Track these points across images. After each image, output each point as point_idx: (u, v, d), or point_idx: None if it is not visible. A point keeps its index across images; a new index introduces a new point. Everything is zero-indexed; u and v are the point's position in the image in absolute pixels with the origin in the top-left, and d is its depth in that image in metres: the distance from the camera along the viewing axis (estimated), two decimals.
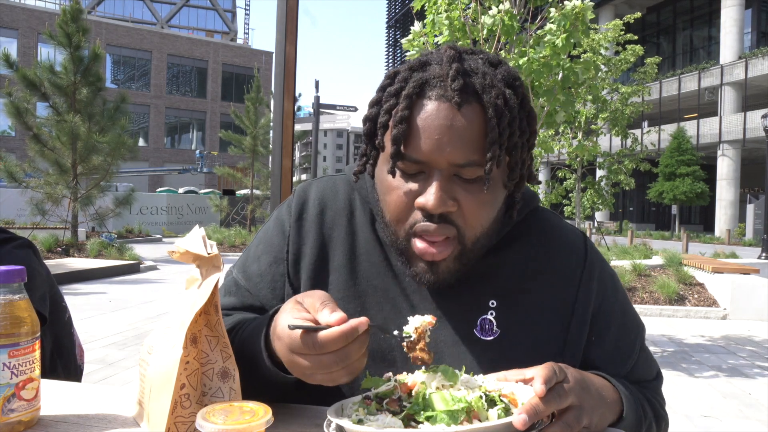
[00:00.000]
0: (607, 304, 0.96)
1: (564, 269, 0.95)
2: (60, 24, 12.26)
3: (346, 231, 0.97)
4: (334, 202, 1.00)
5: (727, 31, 30.50)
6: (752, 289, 7.76)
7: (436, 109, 0.80)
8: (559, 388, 0.72)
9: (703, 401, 4.37)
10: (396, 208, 0.85)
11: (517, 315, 0.91)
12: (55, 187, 12.47)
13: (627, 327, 0.98)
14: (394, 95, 0.83)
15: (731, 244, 23.81)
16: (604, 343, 0.94)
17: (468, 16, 4.91)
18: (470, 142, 0.80)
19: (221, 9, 65.56)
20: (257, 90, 19.25)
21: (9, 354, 0.73)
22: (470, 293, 0.92)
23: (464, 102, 0.79)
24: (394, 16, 63.86)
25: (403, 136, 0.80)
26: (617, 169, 14.12)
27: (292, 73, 3.88)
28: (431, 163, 0.81)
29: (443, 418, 0.66)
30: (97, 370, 4.73)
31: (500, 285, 0.92)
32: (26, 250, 1.28)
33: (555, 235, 0.99)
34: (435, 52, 0.87)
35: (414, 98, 0.81)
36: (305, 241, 0.97)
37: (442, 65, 0.82)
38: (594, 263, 0.97)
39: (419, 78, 0.82)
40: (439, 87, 0.81)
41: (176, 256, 0.79)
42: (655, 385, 1.01)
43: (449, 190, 0.81)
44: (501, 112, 0.80)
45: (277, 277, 0.97)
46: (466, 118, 0.79)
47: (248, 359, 0.81)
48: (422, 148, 0.80)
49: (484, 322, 0.90)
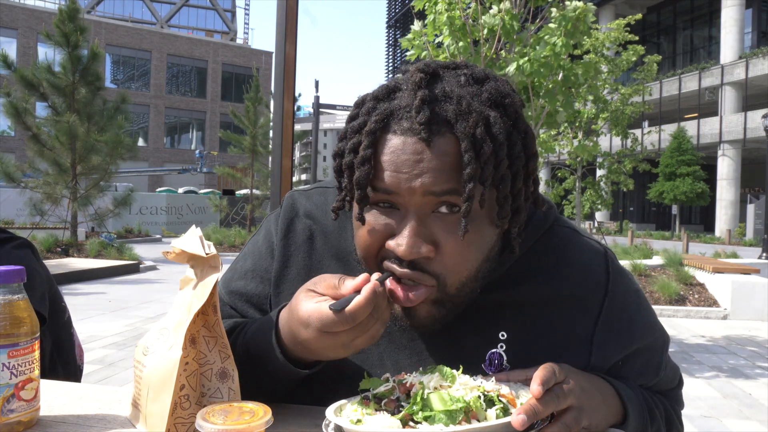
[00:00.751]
0: (634, 330, 0.89)
1: (582, 298, 0.86)
2: (57, 23, 12.26)
3: (336, 257, 0.92)
4: (323, 223, 0.94)
5: (727, 30, 30.51)
6: (753, 289, 7.76)
7: (402, 144, 0.71)
8: (558, 389, 0.71)
9: (704, 401, 4.37)
10: (365, 247, 0.78)
11: (529, 349, 0.84)
12: (55, 187, 12.47)
13: (655, 344, 0.92)
14: (357, 131, 0.75)
15: (732, 244, 23.80)
16: (632, 365, 0.89)
17: (468, 16, 4.91)
18: (445, 174, 0.71)
19: (221, 9, 65.58)
20: (257, 90, 19.25)
21: (8, 354, 0.73)
22: (478, 325, 0.85)
23: (434, 134, 0.70)
24: (394, 16, 63.85)
25: (367, 178, 0.72)
26: (617, 169, 14.13)
27: (292, 73, 3.88)
28: (403, 199, 0.72)
29: (441, 418, 0.66)
30: (97, 370, 4.73)
31: (511, 317, 0.85)
32: (25, 250, 1.28)
33: (572, 257, 0.89)
34: (407, 74, 0.77)
35: (378, 134, 0.73)
36: (291, 263, 0.93)
37: (408, 92, 0.73)
38: (617, 288, 0.88)
39: (384, 110, 0.73)
40: (405, 119, 0.72)
41: (171, 257, 0.78)
42: (676, 392, 1.00)
43: (425, 233, 0.73)
44: (480, 142, 0.70)
45: (262, 298, 0.95)
46: (437, 152, 0.70)
47: (256, 358, 0.80)
48: (390, 186, 0.72)
49: (493, 357, 0.84)
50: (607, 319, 0.86)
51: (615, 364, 0.88)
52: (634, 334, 0.89)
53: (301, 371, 0.79)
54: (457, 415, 0.66)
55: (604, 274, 0.88)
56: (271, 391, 0.83)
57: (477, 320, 0.85)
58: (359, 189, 0.73)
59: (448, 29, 4.84)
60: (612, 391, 0.84)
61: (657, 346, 0.93)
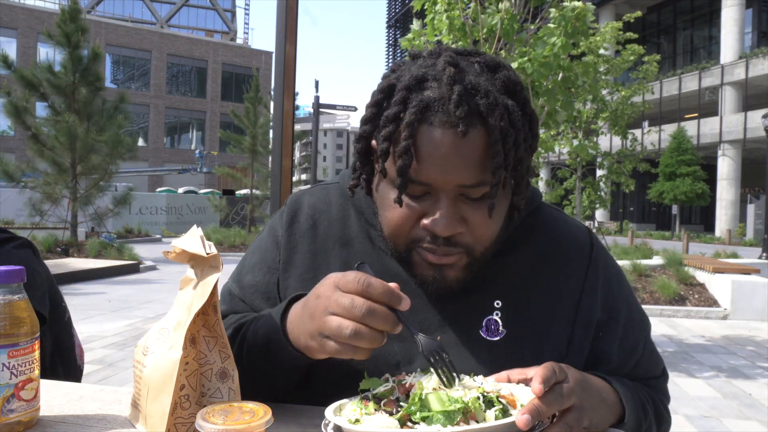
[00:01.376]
0: (613, 298, 0.95)
1: (568, 265, 0.94)
2: (59, 23, 12.27)
3: (341, 242, 0.96)
4: (327, 213, 0.99)
5: (727, 30, 30.50)
6: (753, 289, 7.76)
7: (441, 136, 0.77)
8: (560, 389, 0.71)
9: (704, 401, 4.37)
10: (399, 226, 0.84)
11: (522, 314, 0.90)
12: (54, 187, 12.47)
13: (633, 321, 0.97)
14: (393, 120, 0.80)
15: (732, 244, 23.79)
16: (610, 337, 0.94)
17: (468, 16, 4.91)
18: (476, 165, 0.78)
19: (221, 9, 65.57)
20: (257, 90, 19.25)
21: (8, 354, 0.73)
22: (474, 295, 0.91)
23: (469, 126, 0.76)
24: (394, 16, 63.87)
25: (409, 166, 0.78)
26: (617, 169, 14.13)
27: (292, 73, 3.88)
28: (437, 187, 0.80)
29: (439, 419, 0.66)
30: (97, 370, 4.73)
31: (505, 285, 0.92)
32: (26, 250, 1.28)
33: (558, 231, 0.98)
34: (429, 63, 0.83)
35: (416, 125, 0.78)
36: (297, 251, 0.97)
37: (441, 85, 0.78)
38: (599, 257, 0.96)
39: (419, 101, 0.78)
40: (442, 112, 0.77)
41: (172, 257, 0.78)
42: (661, 383, 1.01)
43: (456, 212, 0.81)
44: (506, 133, 0.78)
45: (270, 286, 0.97)
46: (471, 143, 0.77)
47: (261, 340, 0.82)
48: (429, 174, 0.79)
49: (489, 323, 0.90)
50: (591, 284, 0.94)
51: (596, 334, 0.93)
52: (614, 301, 0.95)
53: (298, 354, 0.78)
54: (455, 415, 0.66)
55: (589, 245, 0.97)
56: (277, 383, 0.84)
57: (474, 290, 0.91)
58: (401, 176, 0.78)
59: (447, 29, 4.85)
60: (609, 388, 0.85)
61: (635, 322, 0.97)
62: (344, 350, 0.70)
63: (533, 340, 0.89)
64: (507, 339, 0.89)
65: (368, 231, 0.96)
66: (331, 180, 1.05)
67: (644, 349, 0.97)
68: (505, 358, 0.85)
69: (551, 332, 0.90)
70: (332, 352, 0.72)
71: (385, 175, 0.84)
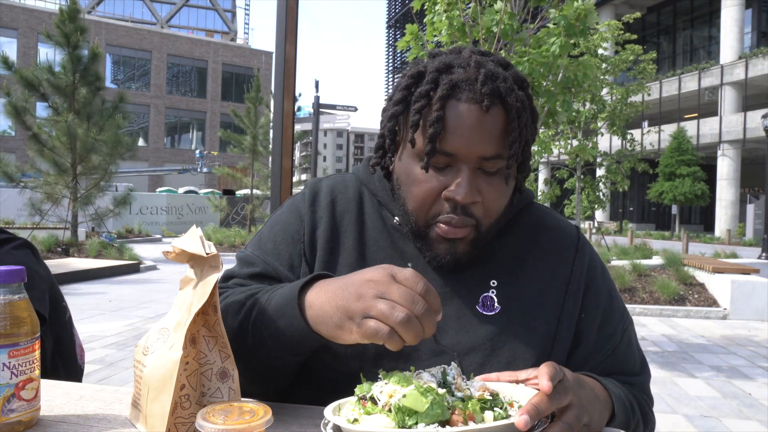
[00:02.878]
0: (595, 285, 1.02)
1: (558, 251, 1.03)
2: (57, 24, 12.26)
3: (356, 219, 1.04)
4: (344, 193, 1.07)
5: (727, 30, 30.49)
6: (752, 289, 7.77)
7: (467, 110, 0.87)
8: (560, 386, 0.71)
9: (704, 401, 4.37)
10: (423, 199, 0.92)
11: (516, 292, 0.98)
12: (55, 187, 12.47)
13: (612, 309, 1.03)
14: (424, 96, 0.89)
15: (731, 244, 23.79)
16: (589, 320, 0.99)
17: (468, 16, 4.91)
18: (495, 139, 0.88)
19: (221, 9, 65.57)
20: (257, 90, 19.25)
21: (9, 354, 0.73)
22: (473, 273, 0.98)
23: (492, 104, 0.87)
24: (394, 16, 63.87)
25: (438, 134, 0.87)
26: (616, 169, 14.14)
27: (292, 73, 3.88)
28: (461, 158, 0.88)
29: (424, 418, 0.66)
30: (97, 370, 4.73)
31: (500, 265, 1.00)
32: (25, 250, 1.28)
33: (550, 222, 1.07)
34: (453, 55, 0.94)
35: (446, 99, 0.88)
36: (319, 224, 1.03)
37: (467, 69, 0.90)
38: (585, 248, 1.05)
39: (450, 80, 0.88)
40: (469, 90, 0.88)
41: (171, 257, 0.78)
42: (642, 381, 1.03)
43: (475, 183, 0.89)
44: (520, 113, 0.89)
45: (294, 255, 1.01)
46: (492, 118, 0.88)
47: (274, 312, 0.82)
48: (454, 144, 0.87)
49: (485, 299, 0.97)
50: (578, 270, 1.02)
51: (579, 316, 0.99)
52: (597, 288, 1.02)
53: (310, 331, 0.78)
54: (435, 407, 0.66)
55: (576, 237, 1.06)
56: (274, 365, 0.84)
57: (472, 269, 0.98)
58: (431, 142, 0.87)
59: (447, 29, 4.85)
60: (600, 385, 0.86)
61: (616, 311, 1.03)
62: (383, 334, 0.70)
63: (525, 317, 0.96)
64: (501, 314, 0.96)
65: (381, 212, 1.04)
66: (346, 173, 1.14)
67: (622, 339, 1.01)
68: (500, 332, 0.93)
69: (542, 310, 0.97)
70: (368, 334, 0.71)
71: (414, 145, 0.91)
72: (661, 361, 5.55)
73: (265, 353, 0.84)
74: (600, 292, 1.02)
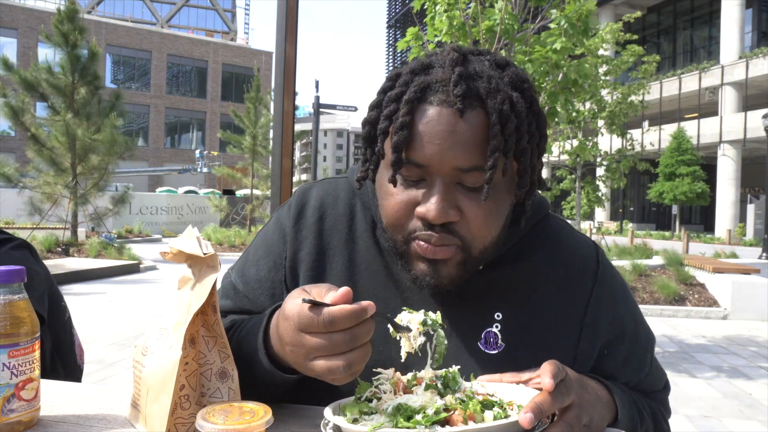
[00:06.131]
0: (619, 318, 0.93)
1: (574, 282, 0.91)
2: (56, 24, 12.25)
3: (346, 239, 0.94)
4: (334, 207, 0.97)
5: (727, 30, 30.49)
6: (753, 289, 7.76)
7: (437, 115, 0.76)
8: (562, 386, 0.71)
9: (704, 401, 4.37)
10: (394, 214, 0.82)
11: (523, 329, 0.87)
12: (54, 187, 12.47)
13: (639, 339, 0.95)
14: (394, 100, 0.80)
15: (732, 244, 23.79)
16: (616, 356, 0.92)
17: (468, 16, 4.91)
18: (474, 148, 0.76)
19: (221, 9, 65.57)
20: (257, 90, 19.25)
21: (9, 354, 0.73)
22: (475, 305, 0.88)
23: (467, 107, 0.76)
24: (394, 16, 63.86)
25: (404, 142, 0.77)
26: (615, 169, 14.16)
27: (292, 73, 3.88)
28: (432, 169, 0.78)
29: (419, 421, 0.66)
30: (97, 370, 4.73)
31: (507, 297, 0.89)
32: (23, 250, 1.28)
33: (565, 246, 0.95)
34: (439, 54, 0.84)
35: (415, 103, 0.78)
36: (303, 246, 0.94)
37: (444, 68, 0.79)
38: (605, 276, 0.94)
39: (421, 82, 0.79)
40: (441, 92, 0.77)
41: (168, 257, 0.78)
42: (662, 396, 1.01)
43: (451, 199, 0.78)
44: (506, 118, 0.76)
45: (276, 283, 0.94)
46: (469, 124, 0.76)
47: (245, 358, 0.79)
48: (424, 153, 0.77)
49: (488, 335, 0.87)
50: (597, 302, 0.91)
51: (600, 353, 0.91)
52: (620, 319, 0.93)
53: (284, 376, 0.76)
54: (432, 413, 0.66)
55: (595, 262, 0.94)
56: (268, 391, 0.82)
57: (475, 300, 0.88)
58: (396, 152, 0.77)
59: (447, 29, 4.84)
60: (603, 389, 0.84)
61: (641, 341, 0.96)
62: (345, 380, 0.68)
63: (533, 357, 0.84)
64: (506, 353, 0.86)
65: (374, 229, 0.94)
66: (340, 175, 1.03)
67: (651, 366, 0.97)
68: (503, 373, 0.83)
69: (552, 349, 0.87)
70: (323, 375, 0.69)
71: (383, 156, 0.82)
72: (662, 361, 5.53)
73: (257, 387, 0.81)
74: (624, 326, 0.93)
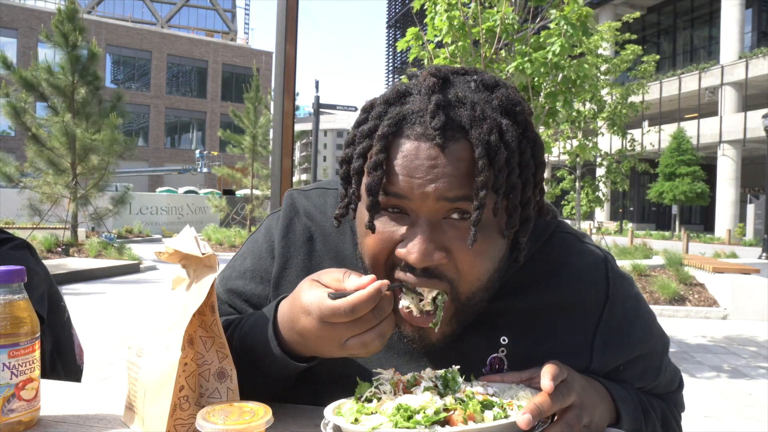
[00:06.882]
0: (635, 337, 0.89)
1: (583, 302, 0.86)
2: (56, 24, 12.26)
3: (337, 260, 0.90)
4: (322, 226, 0.92)
5: (727, 30, 30.48)
6: (753, 290, 7.76)
7: (416, 150, 0.70)
8: (562, 387, 0.71)
9: (704, 401, 4.37)
10: (373, 255, 0.76)
11: (530, 353, 0.83)
12: (54, 187, 12.46)
13: (654, 348, 0.93)
14: (367, 135, 0.73)
15: (731, 244, 23.78)
16: (632, 370, 0.90)
17: (468, 16, 4.91)
18: (459, 179, 0.69)
19: (221, 9, 65.56)
20: (257, 90, 19.25)
21: (9, 354, 0.73)
22: (479, 330, 0.84)
23: (448, 140, 0.69)
24: (394, 16, 63.85)
25: (379, 184, 0.70)
26: (615, 169, 14.16)
27: (292, 73, 3.88)
28: (414, 207, 0.71)
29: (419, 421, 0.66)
30: (97, 370, 4.73)
31: (513, 318, 0.85)
32: (23, 250, 1.28)
33: (572, 264, 0.88)
34: (417, 77, 0.76)
35: (390, 138, 0.71)
36: (290, 264, 0.91)
37: (421, 96, 0.72)
38: (617, 294, 0.88)
39: (396, 114, 0.72)
40: (419, 124, 0.70)
41: (164, 257, 0.78)
42: (676, 396, 1.00)
43: (437, 239, 0.71)
44: (494, 150, 0.69)
45: (261, 299, 0.93)
46: (452, 157, 0.69)
47: (251, 352, 0.79)
48: (402, 187, 0.70)
49: (494, 361, 0.84)
50: (608, 324, 0.86)
51: (616, 368, 0.88)
52: (634, 339, 0.89)
53: (298, 365, 0.77)
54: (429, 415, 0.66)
55: (605, 281, 0.88)
56: (267, 390, 0.82)
57: (478, 325, 0.84)
58: (371, 195, 0.71)
59: (447, 29, 4.85)
60: (604, 390, 0.83)
61: (657, 350, 0.93)
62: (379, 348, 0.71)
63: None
64: None
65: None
66: (330, 182, 0.98)
67: (667, 370, 0.96)
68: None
69: None
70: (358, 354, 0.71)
71: (360, 198, 0.76)
72: None
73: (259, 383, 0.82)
74: (638, 341, 0.89)
